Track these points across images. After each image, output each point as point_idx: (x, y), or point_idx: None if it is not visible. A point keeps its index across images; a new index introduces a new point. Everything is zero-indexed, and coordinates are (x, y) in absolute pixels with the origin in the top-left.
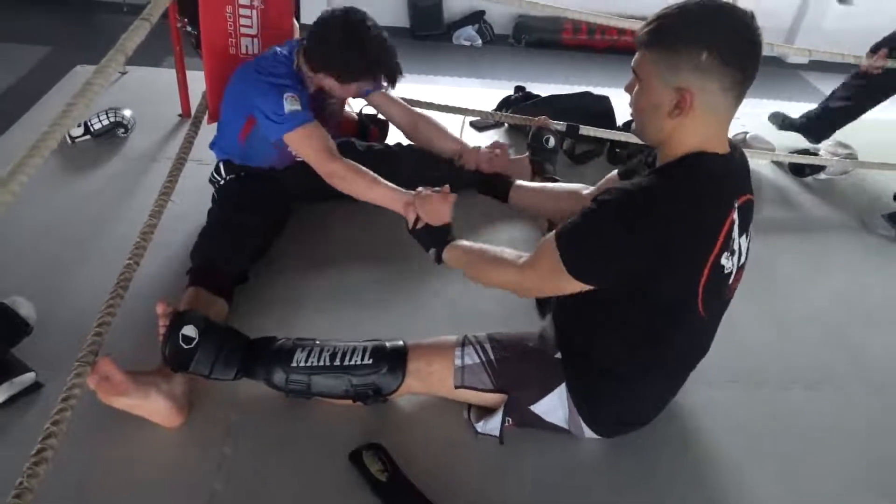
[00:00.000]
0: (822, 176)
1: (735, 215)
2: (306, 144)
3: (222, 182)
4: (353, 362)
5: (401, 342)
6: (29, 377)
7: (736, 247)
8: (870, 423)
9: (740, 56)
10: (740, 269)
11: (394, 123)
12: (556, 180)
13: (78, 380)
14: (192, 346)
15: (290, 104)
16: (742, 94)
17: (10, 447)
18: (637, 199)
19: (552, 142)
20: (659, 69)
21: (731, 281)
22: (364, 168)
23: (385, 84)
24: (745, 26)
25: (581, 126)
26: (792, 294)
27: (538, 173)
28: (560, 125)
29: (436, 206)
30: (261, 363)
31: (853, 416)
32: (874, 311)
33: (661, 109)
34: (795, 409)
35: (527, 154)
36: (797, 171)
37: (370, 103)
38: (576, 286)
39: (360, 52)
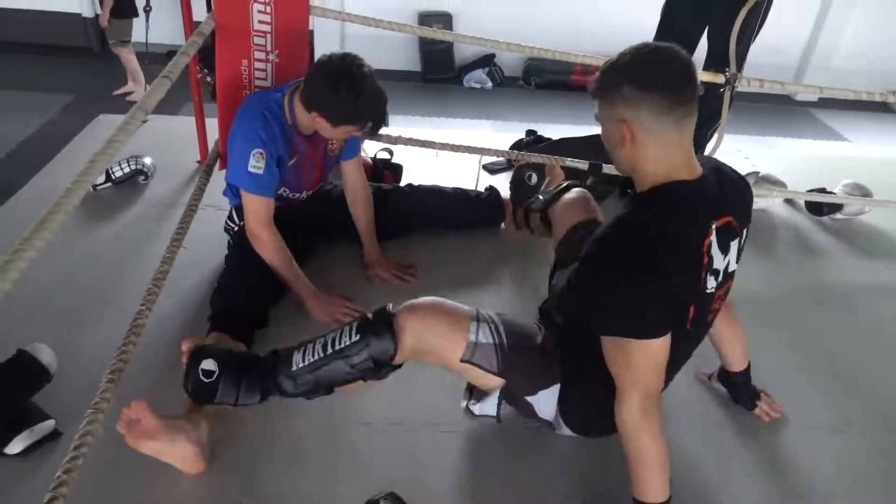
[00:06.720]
0: (839, 216)
1: (713, 237)
2: (250, 207)
3: (236, 228)
4: (343, 344)
5: (387, 305)
6: (49, 425)
7: (718, 266)
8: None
9: (661, 81)
10: (720, 287)
11: (344, 182)
12: (545, 218)
13: (90, 427)
14: (213, 379)
15: (255, 160)
16: (683, 114)
17: (28, 495)
18: (630, 244)
19: (534, 179)
20: (606, 111)
21: (713, 301)
22: (286, 250)
23: (369, 130)
24: (659, 53)
25: (604, 164)
26: (809, 334)
27: (527, 211)
28: (582, 164)
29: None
30: (270, 380)
31: (879, 461)
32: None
33: (617, 144)
34: (820, 454)
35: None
36: (815, 210)
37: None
38: (664, 344)
39: (351, 95)
